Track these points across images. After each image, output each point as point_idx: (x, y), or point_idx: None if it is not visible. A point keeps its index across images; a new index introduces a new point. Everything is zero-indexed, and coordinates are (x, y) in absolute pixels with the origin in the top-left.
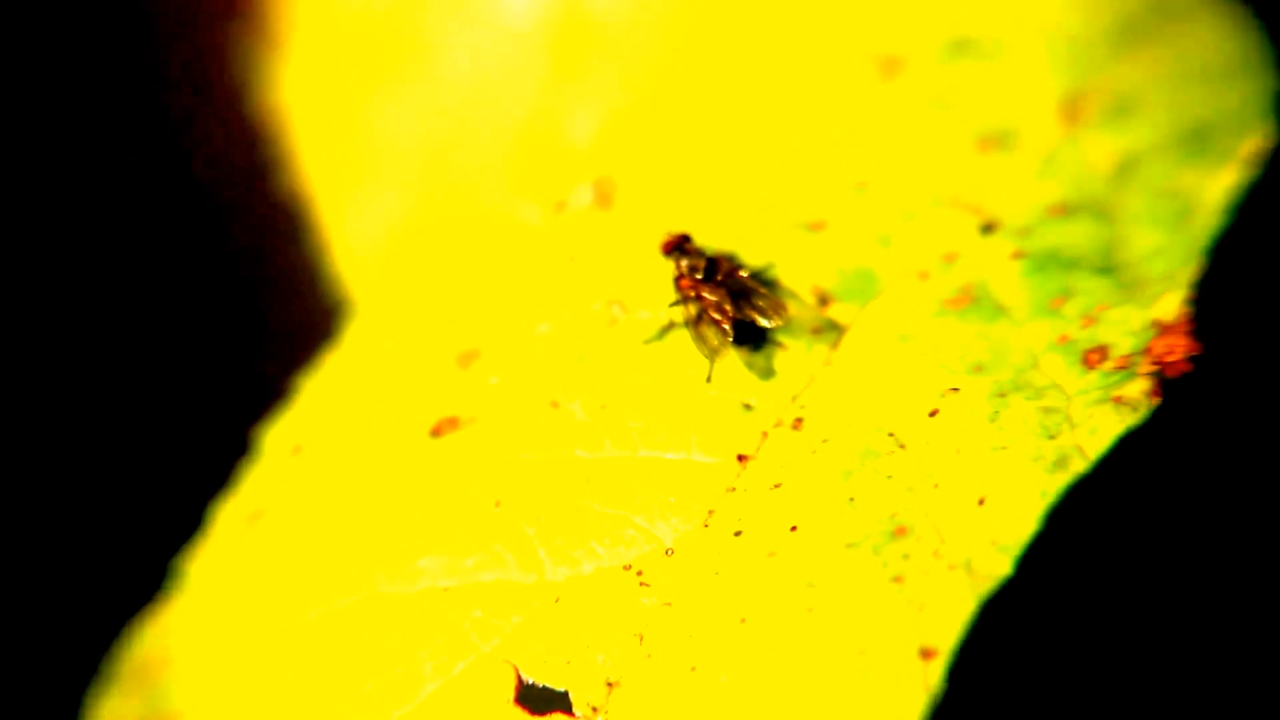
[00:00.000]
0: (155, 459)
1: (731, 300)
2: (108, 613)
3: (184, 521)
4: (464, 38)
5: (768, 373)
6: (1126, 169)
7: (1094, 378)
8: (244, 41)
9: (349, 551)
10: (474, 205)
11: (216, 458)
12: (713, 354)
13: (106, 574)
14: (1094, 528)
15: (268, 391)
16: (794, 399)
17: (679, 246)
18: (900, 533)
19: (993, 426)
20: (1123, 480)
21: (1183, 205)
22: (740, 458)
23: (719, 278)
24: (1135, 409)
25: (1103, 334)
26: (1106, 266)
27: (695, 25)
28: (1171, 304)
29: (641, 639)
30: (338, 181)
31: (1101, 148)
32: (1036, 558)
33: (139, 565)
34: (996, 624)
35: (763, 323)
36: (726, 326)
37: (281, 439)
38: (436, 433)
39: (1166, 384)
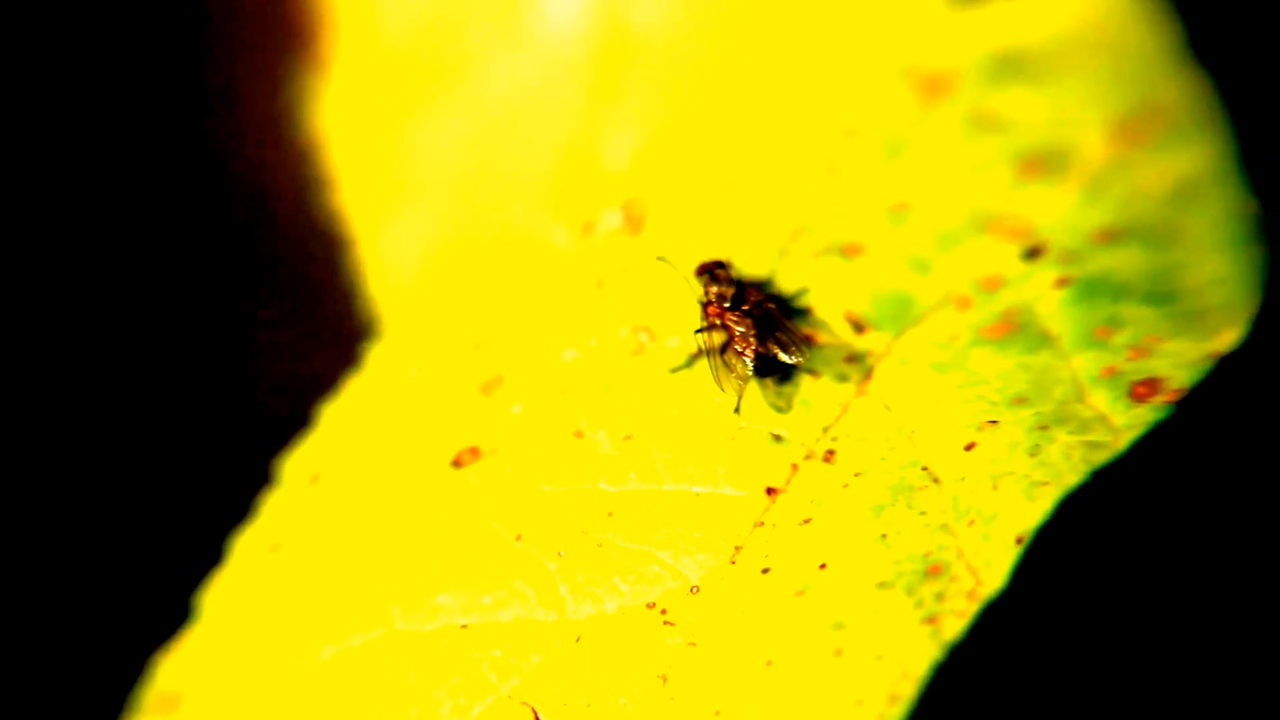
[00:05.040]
0: (180, 488)
1: (757, 331)
2: (134, 645)
3: (208, 552)
4: (505, 60)
5: (799, 403)
6: (1186, 192)
7: (1143, 412)
8: (286, 63)
9: (366, 587)
10: (507, 228)
11: (242, 487)
12: (736, 384)
13: (133, 605)
14: (1138, 565)
15: (294, 418)
16: (825, 430)
17: (709, 272)
18: (934, 572)
19: (1033, 461)
20: (1170, 520)
21: (1248, 232)
22: (769, 491)
23: (746, 306)
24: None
25: (1155, 366)
26: (1160, 294)
27: (736, 45)
28: (1231, 337)
29: (665, 680)
30: (375, 203)
31: (1158, 169)
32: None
33: (165, 597)
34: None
35: (784, 358)
36: (748, 358)
37: (301, 468)
38: (457, 463)
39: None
